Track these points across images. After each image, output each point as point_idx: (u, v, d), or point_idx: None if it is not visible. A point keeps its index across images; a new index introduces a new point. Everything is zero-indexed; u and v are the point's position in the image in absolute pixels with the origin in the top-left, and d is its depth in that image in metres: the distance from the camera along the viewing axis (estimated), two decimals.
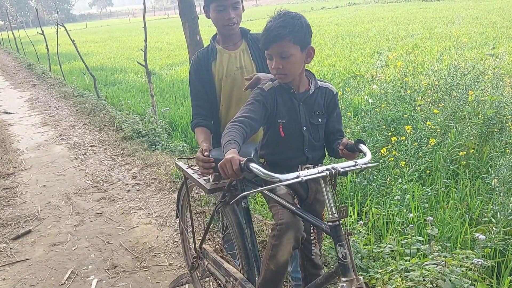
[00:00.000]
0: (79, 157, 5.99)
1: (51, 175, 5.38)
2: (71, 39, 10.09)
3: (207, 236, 2.53)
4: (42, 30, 14.28)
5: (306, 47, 1.91)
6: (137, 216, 4.11)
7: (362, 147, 1.80)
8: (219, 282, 2.34)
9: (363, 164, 1.66)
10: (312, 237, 2.05)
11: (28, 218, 4.20)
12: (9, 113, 9.28)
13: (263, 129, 2.10)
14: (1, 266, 3.43)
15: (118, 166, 5.52)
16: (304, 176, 1.56)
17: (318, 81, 2.05)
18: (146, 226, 3.92)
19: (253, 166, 1.58)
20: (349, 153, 1.89)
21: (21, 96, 11.30)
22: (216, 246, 2.48)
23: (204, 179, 2.24)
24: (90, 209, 4.33)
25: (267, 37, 1.88)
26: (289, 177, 1.56)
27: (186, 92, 9.53)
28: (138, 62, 7.19)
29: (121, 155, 5.91)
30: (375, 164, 1.78)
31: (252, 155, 2.02)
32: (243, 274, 2.14)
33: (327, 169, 1.58)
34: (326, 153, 2.14)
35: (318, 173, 1.59)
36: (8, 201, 4.64)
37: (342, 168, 1.61)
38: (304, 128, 2.00)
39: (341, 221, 1.59)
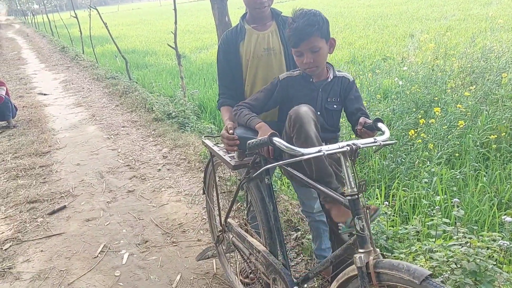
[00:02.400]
0: (111, 137, 6.15)
1: (84, 154, 5.55)
2: (103, 22, 10.25)
3: (232, 211, 2.62)
4: (75, 13, 14.56)
5: (329, 39, 2.12)
6: (167, 194, 4.23)
7: (381, 125, 1.85)
8: (243, 254, 2.42)
9: (382, 141, 1.70)
10: None
11: (63, 195, 4.37)
12: (45, 94, 9.55)
13: (280, 115, 2.36)
14: (39, 239, 3.59)
15: (149, 146, 5.65)
16: (326, 150, 1.61)
17: (336, 71, 2.23)
18: (175, 204, 4.03)
19: (276, 140, 1.71)
20: (368, 132, 1.93)
21: (55, 78, 11.59)
22: (241, 221, 2.57)
23: (229, 156, 2.31)
24: (122, 186, 4.47)
25: (298, 36, 2.03)
26: (311, 151, 1.61)
27: (215, 75, 9.59)
28: (168, 45, 7.28)
29: (152, 136, 6.05)
30: (393, 141, 1.80)
31: None
32: (266, 247, 2.21)
33: (347, 145, 1.62)
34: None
35: (339, 148, 1.62)
36: (44, 178, 4.82)
37: (362, 144, 1.65)
38: (319, 113, 2.16)
39: (359, 195, 1.61)
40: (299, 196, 2.79)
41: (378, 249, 1.60)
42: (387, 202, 3.29)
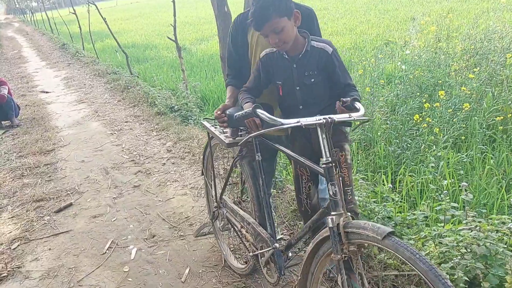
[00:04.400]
0: (115, 133, 6.14)
1: (89, 150, 5.54)
2: (102, 17, 10.21)
3: (226, 188, 2.76)
4: (74, 9, 14.52)
5: (292, 14, 2.07)
6: (173, 188, 4.22)
7: (357, 104, 1.94)
8: (236, 228, 2.61)
9: (356, 116, 1.83)
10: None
11: (69, 192, 4.37)
12: (46, 92, 9.55)
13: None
14: (46, 237, 3.60)
15: (153, 141, 5.64)
16: (304, 122, 1.76)
17: (313, 42, 2.18)
18: (182, 197, 4.02)
19: (259, 111, 1.88)
20: (345, 111, 1.97)
21: (57, 75, 11.58)
22: (235, 198, 2.76)
23: (224, 136, 2.46)
24: (127, 182, 4.46)
25: (256, 21, 2.05)
26: (290, 122, 1.78)
27: (216, 66, 9.56)
28: (168, 37, 7.24)
29: (156, 130, 6.03)
30: (366, 118, 1.95)
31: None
32: (255, 219, 2.41)
33: (324, 118, 1.76)
34: None
35: (316, 120, 1.77)
36: (50, 176, 4.82)
37: (337, 118, 1.79)
38: (298, 88, 2.22)
39: (333, 164, 1.76)
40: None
41: (348, 213, 1.75)
42: (391, 185, 3.27)
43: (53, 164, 5.19)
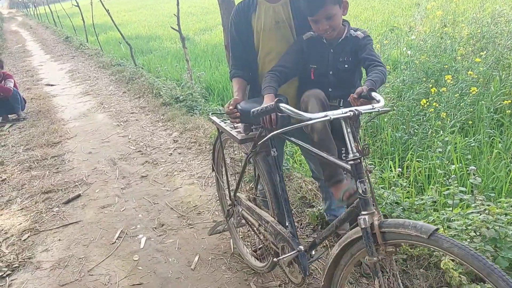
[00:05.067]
0: (121, 124, 6.15)
1: (95, 142, 5.56)
2: (105, 9, 10.19)
3: (240, 185, 2.68)
4: (77, 2, 14.47)
5: (342, 3, 2.17)
6: (180, 178, 4.23)
7: (375, 94, 1.84)
8: (252, 226, 2.51)
9: (380, 107, 1.75)
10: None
11: (77, 184, 4.39)
12: (52, 85, 9.56)
13: (300, 74, 2.41)
14: (56, 228, 3.62)
15: (159, 131, 5.65)
16: (332, 115, 1.67)
17: (351, 30, 2.28)
18: (189, 187, 4.03)
19: (283, 106, 1.75)
20: (364, 101, 1.89)
21: (61, 68, 11.59)
22: (250, 195, 2.63)
23: (236, 131, 2.36)
24: (135, 172, 4.48)
25: (312, 5, 2.11)
26: (318, 116, 1.68)
27: (220, 56, 9.54)
28: (171, 27, 7.23)
29: (161, 121, 6.04)
30: (389, 109, 1.88)
31: None
32: (274, 217, 2.29)
33: (350, 110, 1.67)
34: None
35: (343, 113, 1.68)
36: (57, 168, 4.84)
37: (363, 110, 1.71)
38: (331, 72, 2.29)
39: (361, 160, 1.66)
40: (308, 163, 2.91)
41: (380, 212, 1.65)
42: (400, 169, 3.26)
43: (61, 156, 5.21)
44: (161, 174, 4.36)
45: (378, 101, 1.80)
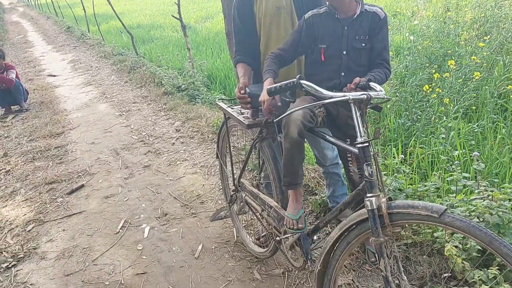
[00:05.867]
0: (123, 114, 6.15)
1: (98, 132, 5.57)
2: None
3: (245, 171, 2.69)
4: None
5: None
6: (183, 167, 4.23)
7: (374, 84, 1.85)
8: (256, 212, 2.52)
9: (385, 95, 1.76)
10: (349, 156, 2.13)
11: (80, 174, 4.40)
12: (54, 76, 9.54)
13: (306, 55, 2.29)
14: (60, 218, 3.64)
15: (162, 121, 5.64)
16: (352, 95, 1.67)
17: (366, 6, 2.11)
18: (192, 176, 4.03)
19: (304, 82, 1.76)
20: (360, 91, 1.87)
21: (63, 59, 11.56)
22: (253, 181, 2.65)
23: (242, 116, 2.35)
24: (138, 162, 4.48)
25: None
26: (338, 95, 1.69)
27: (222, 44, 9.48)
28: (172, 16, 7.18)
29: (164, 110, 6.03)
30: (389, 98, 1.86)
31: (288, 93, 2.08)
32: (278, 202, 2.31)
33: (364, 93, 1.68)
34: None
35: (361, 94, 1.68)
36: (60, 159, 4.85)
37: (374, 95, 1.71)
38: (345, 52, 2.11)
39: (370, 143, 1.67)
40: (313, 149, 2.90)
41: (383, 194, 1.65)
42: (402, 156, 3.25)
43: (64, 147, 5.22)
44: (164, 164, 4.36)
45: (376, 91, 1.79)
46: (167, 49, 10.11)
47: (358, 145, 1.67)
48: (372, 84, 1.85)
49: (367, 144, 1.66)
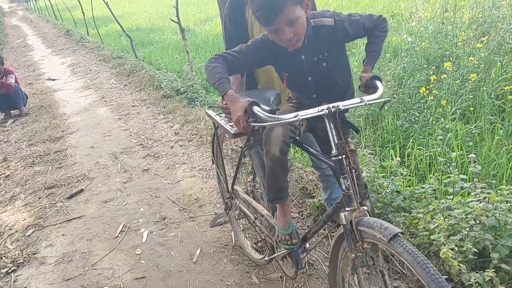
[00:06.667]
0: (122, 118, 6.16)
1: (97, 136, 5.58)
2: (104, 2, 10.14)
3: (238, 178, 2.69)
4: None
5: (303, 1, 1.74)
6: (181, 170, 4.24)
7: (376, 83, 1.78)
8: (249, 219, 2.53)
9: (368, 100, 1.67)
10: None
11: (79, 178, 4.41)
12: (53, 80, 9.56)
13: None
14: (59, 223, 3.65)
15: (160, 124, 5.65)
16: (302, 115, 1.61)
17: (311, 20, 1.85)
18: (190, 179, 4.04)
19: (256, 109, 1.67)
20: (366, 90, 1.86)
21: (62, 62, 11.58)
22: (248, 188, 2.66)
23: (230, 125, 2.34)
24: (136, 166, 4.49)
25: (269, 12, 1.66)
26: (288, 117, 1.62)
27: (221, 47, 9.49)
28: (171, 19, 7.19)
29: (163, 113, 6.04)
30: (383, 99, 1.74)
31: (272, 100, 2.05)
32: (269, 211, 2.31)
33: (327, 108, 1.62)
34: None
35: (318, 112, 1.63)
36: (60, 163, 4.86)
37: (343, 105, 1.64)
38: (310, 78, 1.93)
39: (343, 156, 1.65)
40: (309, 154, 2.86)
41: (365, 207, 1.65)
42: (399, 159, 3.25)
43: (63, 151, 5.23)
44: (162, 167, 4.37)
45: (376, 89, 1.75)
46: (167, 52, 10.12)
47: (333, 158, 1.66)
48: (376, 82, 1.78)
49: (340, 157, 1.65)
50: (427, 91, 4.23)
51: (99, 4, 15.47)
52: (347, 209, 1.65)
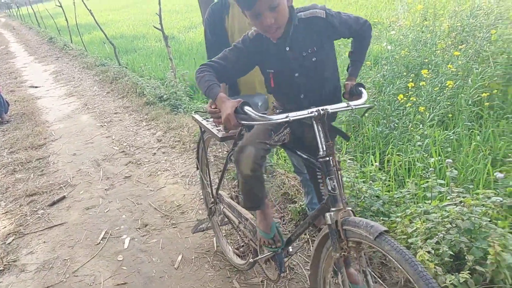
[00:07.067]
0: (105, 125, 6.14)
1: (80, 143, 5.55)
2: (88, 9, 10.12)
3: (223, 183, 2.71)
4: (59, 2, 14.33)
5: None
6: (163, 177, 4.24)
7: (361, 90, 1.85)
8: (233, 224, 2.56)
9: (354, 105, 1.72)
10: (319, 177, 2.14)
11: (61, 185, 4.38)
12: (36, 87, 9.49)
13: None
14: (41, 230, 3.62)
15: (143, 131, 5.65)
16: (292, 116, 1.64)
17: (301, 13, 1.85)
18: (173, 186, 4.05)
19: (247, 108, 1.68)
20: (351, 97, 1.91)
21: (45, 70, 11.50)
22: (232, 193, 2.67)
23: (217, 129, 2.37)
24: (119, 173, 4.48)
25: None
26: (279, 117, 1.65)
27: (205, 54, 9.51)
28: (154, 27, 7.21)
29: (145, 120, 6.04)
30: (368, 105, 1.81)
31: (260, 105, 2.08)
32: (253, 215, 2.33)
33: (316, 110, 1.65)
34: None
35: (308, 114, 1.66)
36: (42, 171, 4.83)
37: (331, 109, 1.68)
38: (297, 74, 1.89)
39: (331, 157, 1.68)
40: (291, 158, 2.97)
41: (349, 208, 1.67)
42: (377, 164, 3.31)
43: (45, 158, 5.19)
44: (144, 174, 4.36)
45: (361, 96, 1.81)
46: (150, 59, 10.12)
47: (320, 159, 1.70)
48: (360, 89, 1.85)
49: (327, 158, 1.68)
50: (405, 98, 4.31)
51: (82, 12, 15.41)
52: (332, 209, 1.67)
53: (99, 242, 3.33)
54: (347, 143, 4.27)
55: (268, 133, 1.94)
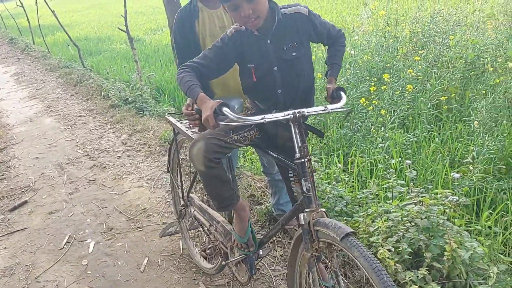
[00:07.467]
0: (69, 128, 6.03)
1: (42, 147, 5.43)
2: (51, 10, 9.90)
3: (194, 186, 2.72)
4: (21, 2, 13.96)
5: None
6: (129, 181, 4.21)
7: (342, 94, 1.91)
8: (204, 227, 2.55)
9: (332, 108, 1.77)
10: (291, 176, 2.15)
11: (23, 190, 4.29)
12: None
13: (239, 75, 2.07)
14: (1, 236, 3.53)
15: (108, 134, 5.58)
16: (268, 118, 1.67)
17: (285, 9, 1.92)
18: (138, 189, 4.02)
19: (225, 110, 1.68)
20: (333, 101, 1.96)
21: (6, 71, 11.19)
22: (204, 196, 2.69)
23: (191, 131, 2.35)
24: (83, 177, 4.42)
25: None
26: (255, 119, 1.67)
27: (171, 56, 9.47)
28: (119, 28, 7.14)
29: (110, 123, 5.96)
30: (345, 109, 1.85)
31: (236, 108, 2.10)
32: (225, 217, 2.36)
33: (292, 113, 1.69)
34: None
35: (283, 116, 1.69)
36: (2, 175, 4.71)
37: (308, 112, 1.71)
38: (276, 68, 1.93)
39: (306, 159, 1.71)
40: (261, 159, 2.97)
41: (323, 209, 1.71)
42: (340, 165, 3.38)
43: (6, 162, 5.06)
44: (109, 178, 4.32)
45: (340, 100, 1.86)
46: (115, 62, 9.99)
47: (296, 161, 1.72)
48: (340, 93, 1.91)
49: (303, 160, 1.71)
50: (367, 102, 4.42)
51: (45, 12, 15.08)
52: (306, 210, 1.70)
53: (63, 247, 3.28)
54: (313, 144, 4.35)
55: (225, 131, 1.95)
